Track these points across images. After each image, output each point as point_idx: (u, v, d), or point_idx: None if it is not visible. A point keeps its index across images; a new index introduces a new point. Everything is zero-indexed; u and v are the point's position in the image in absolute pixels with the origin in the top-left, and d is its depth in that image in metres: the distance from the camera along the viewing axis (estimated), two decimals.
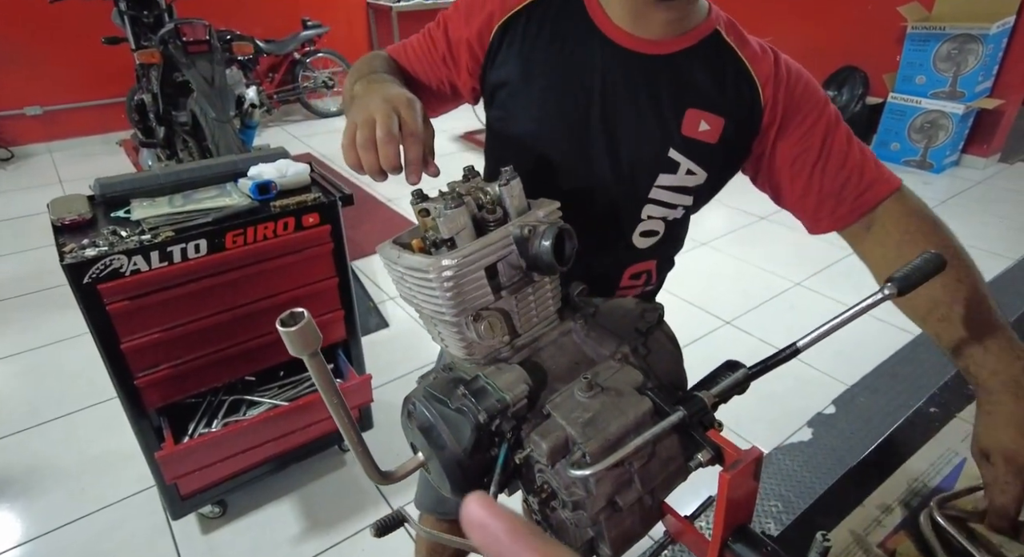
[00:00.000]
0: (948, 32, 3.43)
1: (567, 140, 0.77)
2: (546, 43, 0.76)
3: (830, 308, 2.53)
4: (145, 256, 1.27)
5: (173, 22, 2.38)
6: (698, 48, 0.74)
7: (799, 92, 0.75)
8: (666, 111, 0.74)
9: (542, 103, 0.76)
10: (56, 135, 4.20)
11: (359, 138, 0.58)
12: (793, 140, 0.75)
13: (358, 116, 0.59)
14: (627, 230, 0.82)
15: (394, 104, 0.59)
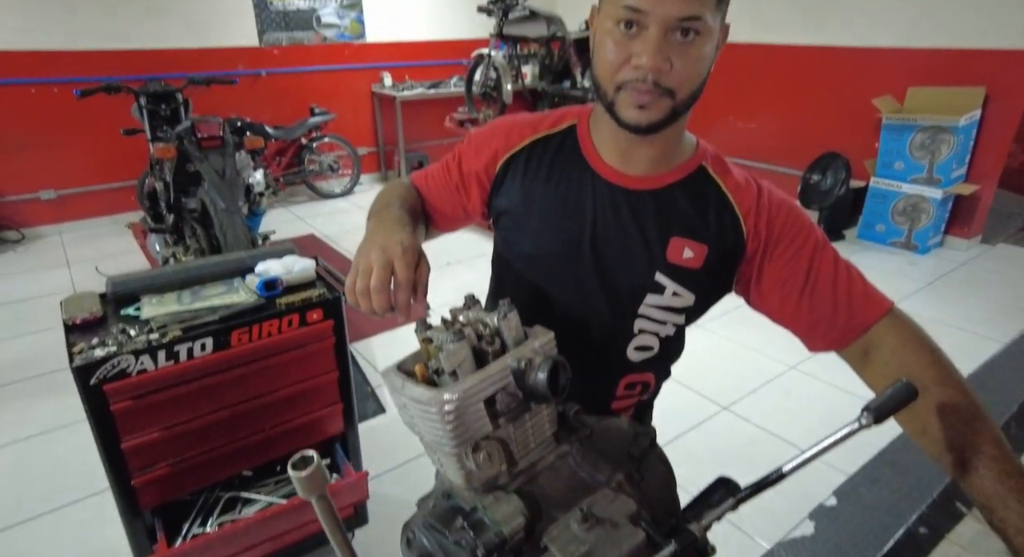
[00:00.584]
0: (920, 123, 3.63)
1: (562, 264, 0.84)
2: (544, 178, 0.85)
3: (825, 393, 2.54)
4: (152, 356, 1.30)
5: (190, 120, 2.53)
6: (683, 182, 0.81)
7: (781, 220, 0.80)
8: (652, 239, 0.81)
9: (540, 231, 0.85)
10: (67, 217, 4.32)
11: (357, 285, 0.68)
12: (779, 265, 0.80)
13: (359, 262, 0.69)
14: (621, 344, 0.87)
15: (388, 255, 0.68)
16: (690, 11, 0.65)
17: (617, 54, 0.70)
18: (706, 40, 0.69)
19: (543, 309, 0.86)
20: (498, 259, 0.96)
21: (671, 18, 0.65)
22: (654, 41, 0.66)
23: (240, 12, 4.60)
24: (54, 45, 3.99)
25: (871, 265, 3.74)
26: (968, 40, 3.57)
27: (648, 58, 0.67)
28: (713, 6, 0.67)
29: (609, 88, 0.72)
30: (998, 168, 3.77)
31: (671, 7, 0.65)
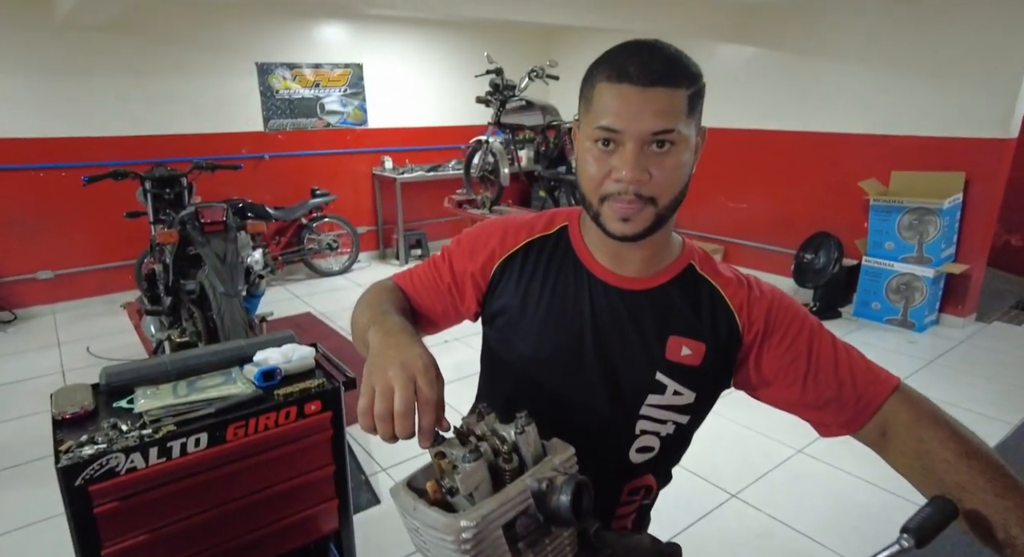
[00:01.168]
0: (906, 205, 3.74)
1: (563, 365, 0.84)
2: (541, 279, 0.86)
3: (834, 478, 2.46)
4: (143, 453, 1.25)
5: (194, 205, 2.57)
6: (675, 281, 0.83)
7: (775, 311, 0.81)
8: (650, 339, 0.82)
9: (540, 332, 0.85)
10: (62, 297, 4.30)
11: (377, 408, 0.62)
12: (778, 354, 0.81)
13: (377, 382, 0.63)
14: (624, 447, 0.86)
15: (411, 371, 0.64)
16: (662, 126, 0.69)
17: (598, 169, 0.73)
18: (682, 149, 0.72)
19: (542, 412, 0.83)
20: (491, 358, 0.94)
21: (645, 134, 0.69)
22: (631, 155, 0.70)
23: (247, 100, 4.80)
24: (65, 132, 4.12)
25: (870, 343, 3.74)
26: (946, 129, 3.75)
27: (627, 171, 0.70)
28: (685, 116, 0.70)
29: (594, 200, 0.76)
30: (985, 248, 3.85)
31: (643, 124, 0.69)
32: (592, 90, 0.73)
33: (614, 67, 0.70)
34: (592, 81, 0.74)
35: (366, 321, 0.80)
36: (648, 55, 0.70)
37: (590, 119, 0.73)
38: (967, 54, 3.59)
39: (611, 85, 0.70)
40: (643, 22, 4.04)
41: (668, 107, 0.69)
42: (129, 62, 4.23)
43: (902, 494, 2.34)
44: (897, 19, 3.83)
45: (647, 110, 0.68)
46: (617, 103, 0.69)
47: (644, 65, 0.68)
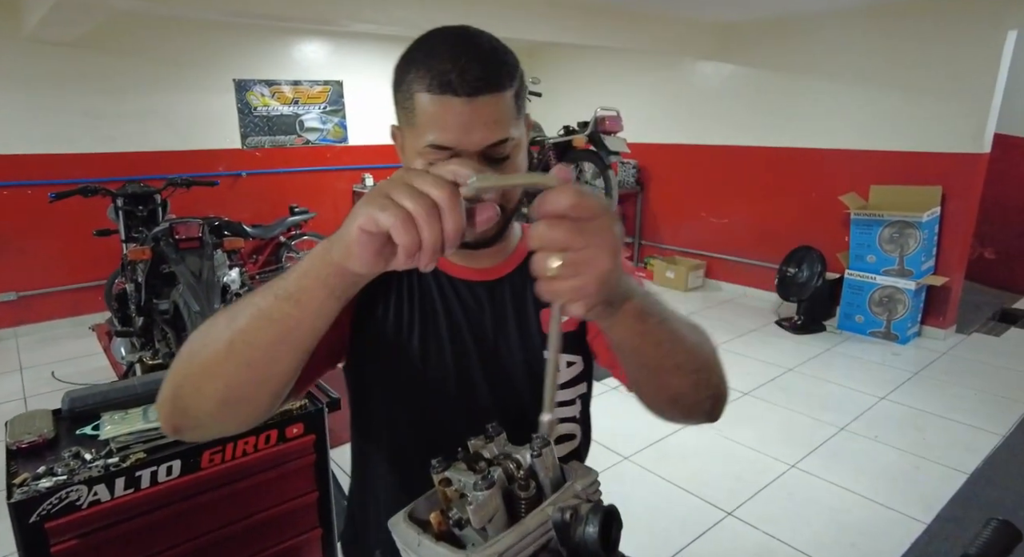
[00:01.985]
0: (886, 219, 3.78)
1: (453, 379, 0.80)
2: (407, 296, 0.81)
3: (830, 493, 2.42)
4: (109, 484, 1.15)
5: (168, 221, 2.47)
6: (522, 268, 0.83)
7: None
8: (526, 319, 0.82)
9: (420, 354, 0.80)
10: (26, 319, 4.11)
11: (411, 206, 0.46)
12: None
13: (392, 188, 0.48)
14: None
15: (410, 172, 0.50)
16: (496, 137, 0.65)
17: None
18: (518, 152, 0.69)
19: (437, 438, 0.74)
20: (365, 396, 0.84)
21: (479, 148, 0.65)
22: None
23: (224, 117, 4.71)
24: (32, 149, 3.98)
25: (855, 355, 3.75)
26: (923, 144, 3.81)
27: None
28: (514, 118, 0.67)
29: None
30: (963, 260, 3.90)
31: (476, 138, 0.64)
32: (411, 101, 0.66)
33: (432, 75, 0.63)
34: (408, 88, 0.66)
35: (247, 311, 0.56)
36: (466, 58, 0.63)
37: (415, 133, 0.66)
38: (941, 70, 3.67)
39: (432, 97, 0.63)
40: (625, 39, 4.07)
41: (498, 114, 0.65)
42: (101, 78, 4.12)
43: (901, 509, 2.31)
44: (874, 36, 3.91)
45: (477, 122, 0.64)
46: (443, 119, 0.64)
47: (466, 72, 0.62)
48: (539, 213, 0.47)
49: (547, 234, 0.46)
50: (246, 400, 0.59)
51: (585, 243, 0.46)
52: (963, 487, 2.43)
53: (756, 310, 4.63)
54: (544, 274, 0.47)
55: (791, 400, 3.20)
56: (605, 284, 0.47)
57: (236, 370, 0.56)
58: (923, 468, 2.58)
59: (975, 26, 3.51)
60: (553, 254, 0.47)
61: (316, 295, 0.52)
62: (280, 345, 0.55)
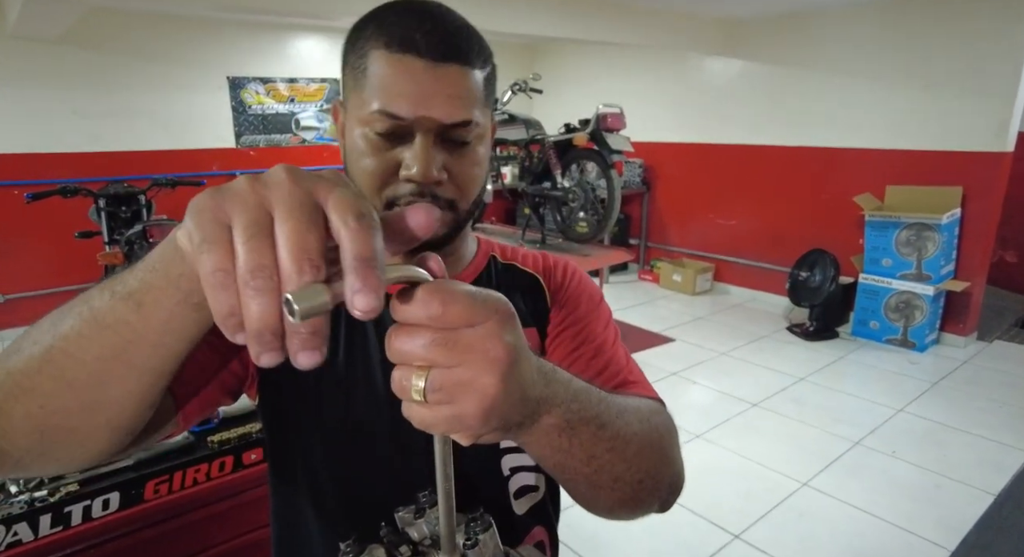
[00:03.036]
0: (904, 221, 3.61)
1: (387, 424, 0.64)
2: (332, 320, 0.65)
3: (843, 514, 2.27)
4: (32, 522, 1.02)
5: (142, 224, 2.36)
6: (483, 276, 0.72)
7: (575, 282, 0.74)
8: None
9: (345, 390, 0.64)
10: (12, 323, 4.01)
11: (244, 262, 0.28)
12: (566, 323, 0.71)
13: (232, 206, 0.30)
14: (499, 498, 0.67)
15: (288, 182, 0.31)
16: (459, 116, 0.56)
17: (378, 164, 0.57)
18: (480, 142, 0.60)
19: (379, 494, 0.63)
20: (284, 455, 0.69)
21: (438, 124, 0.55)
22: (423, 151, 0.55)
23: (217, 116, 4.60)
24: (15, 148, 3.88)
25: (871, 364, 3.58)
26: (942, 142, 3.64)
27: (421, 171, 0.55)
28: (482, 103, 0.58)
29: (377, 205, 0.58)
30: (985, 265, 3.73)
31: (436, 111, 0.55)
32: (363, 60, 0.56)
33: (394, 32, 0.54)
34: (362, 47, 0.57)
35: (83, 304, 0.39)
36: (433, 22, 0.55)
37: (363, 97, 0.56)
38: (962, 66, 3.50)
39: (390, 55, 0.54)
40: (630, 34, 3.92)
41: (464, 90, 0.56)
42: (88, 75, 4.02)
43: (921, 533, 2.15)
44: (890, 31, 3.74)
45: (440, 93, 0.54)
46: (401, 82, 0.54)
47: (432, 34, 0.54)
48: (394, 315, 0.34)
49: (402, 345, 0.33)
50: (70, 431, 0.42)
51: (457, 359, 0.33)
52: (989, 510, 2.27)
53: (766, 315, 4.46)
54: (403, 396, 0.34)
55: (803, 412, 3.03)
56: (491, 411, 0.34)
57: (53, 388, 0.39)
58: (945, 487, 2.41)
59: (997, 18, 3.34)
60: (414, 371, 0.34)
61: (163, 299, 0.35)
62: (112, 362, 0.38)
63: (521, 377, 0.36)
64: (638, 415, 0.50)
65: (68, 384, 0.39)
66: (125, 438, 0.45)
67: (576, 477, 0.47)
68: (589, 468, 0.46)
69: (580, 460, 0.45)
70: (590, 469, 0.46)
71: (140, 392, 0.41)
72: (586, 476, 0.47)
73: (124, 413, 0.42)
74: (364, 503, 0.64)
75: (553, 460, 0.45)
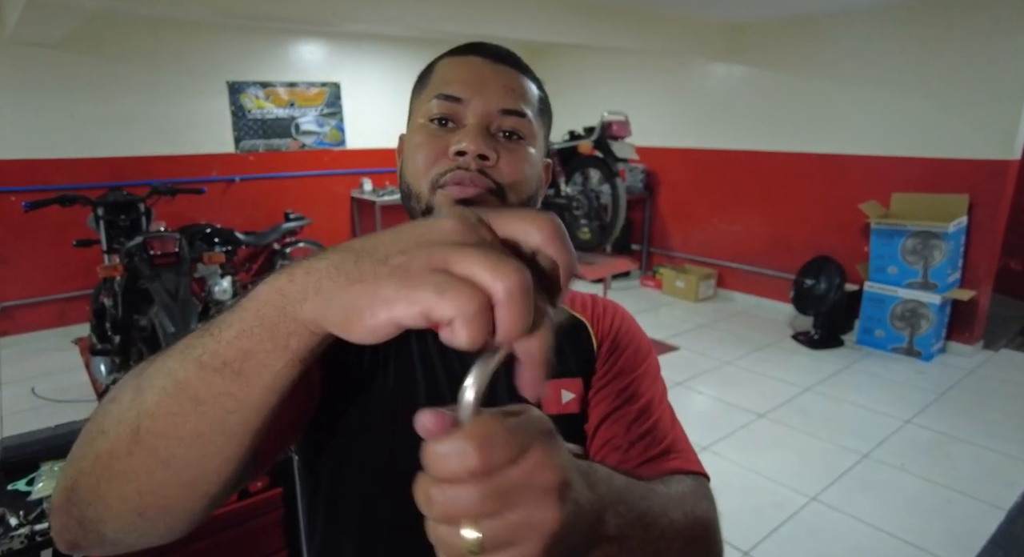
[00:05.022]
0: (909, 228, 3.59)
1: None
2: (381, 358, 0.64)
3: (854, 530, 2.24)
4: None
5: (142, 236, 2.32)
6: None
7: (625, 330, 0.71)
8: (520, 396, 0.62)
9: (393, 422, 0.61)
10: (9, 330, 3.98)
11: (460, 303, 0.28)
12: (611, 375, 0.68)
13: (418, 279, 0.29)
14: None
15: (458, 215, 0.32)
16: (513, 104, 0.59)
17: (431, 148, 0.59)
18: (531, 143, 0.61)
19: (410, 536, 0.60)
20: (327, 494, 0.65)
21: (492, 110, 0.58)
22: (475, 127, 0.57)
23: (216, 120, 4.56)
24: (14, 154, 3.84)
25: (876, 373, 3.55)
26: (948, 150, 3.62)
27: (469, 142, 0.56)
28: (536, 109, 0.62)
29: (424, 188, 0.59)
30: (991, 273, 3.71)
31: (492, 96, 0.58)
32: (429, 76, 0.63)
33: (458, 47, 0.63)
34: (430, 67, 0.64)
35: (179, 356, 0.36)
36: (500, 47, 0.63)
37: (426, 96, 0.61)
38: (968, 74, 3.47)
39: (453, 57, 0.61)
40: (633, 39, 3.89)
41: (517, 86, 0.60)
42: (87, 81, 3.98)
43: (933, 550, 2.12)
44: (895, 37, 3.72)
45: (496, 82, 0.59)
46: (462, 71, 0.59)
47: (495, 47, 0.62)
48: (427, 469, 0.30)
49: (448, 508, 0.30)
50: (169, 509, 0.39)
51: (511, 501, 0.30)
52: (1002, 525, 2.24)
53: (770, 323, 4.44)
54: (454, 554, 0.30)
55: (809, 423, 3.01)
56: (554, 545, 0.31)
57: (148, 469, 0.37)
58: (956, 502, 2.39)
59: (1004, 25, 3.32)
60: (462, 524, 0.30)
61: (269, 363, 0.33)
62: (212, 435, 0.35)
63: (575, 496, 0.33)
64: (683, 508, 0.47)
65: (165, 463, 0.36)
66: (218, 502, 0.42)
67: None
68: None
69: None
70: None
71: (240, 457, 0.38)
72: None
73: (222, 481, 0.39)
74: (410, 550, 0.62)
75: None
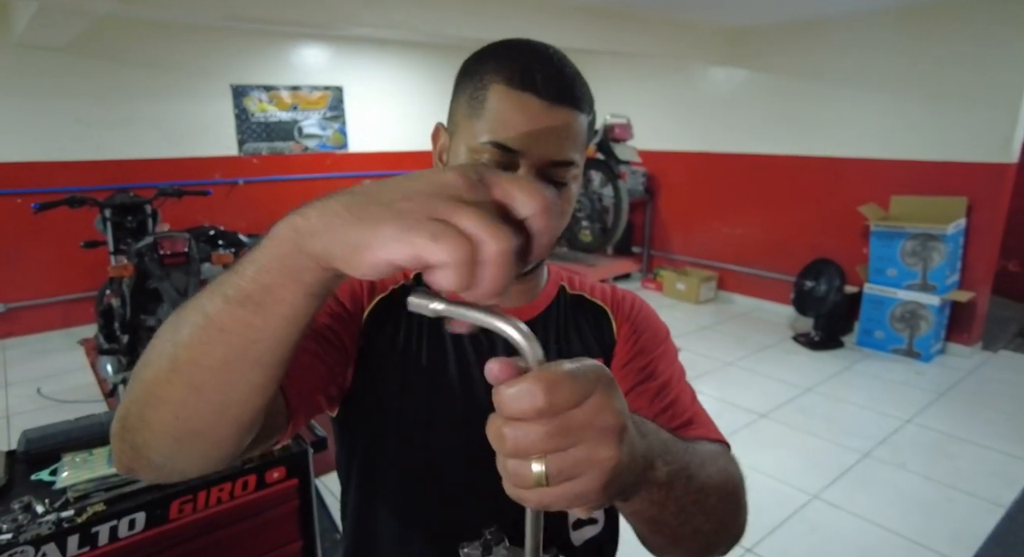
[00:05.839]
0: (908, 231, 3.63)
1: (464, 435, 0.67)
2: (417, 330, 0.69)
3: (855, 526, 2.26)
4: (60, 543, 1.01)
5: (152, 236, 2.35)
6: (554, 304, 0.75)
7: (643, 316, 0.77)
8: None
9: (428, 396, 0.69)
10: (14, 332, 3.99)
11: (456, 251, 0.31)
12: (632, 357, 0.73)
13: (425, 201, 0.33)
14: (558, 528, 0.69)
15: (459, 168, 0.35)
16: (565, 155, 0.59)
17: None
18: (575, 181, 0.64)
19: (449, 510, 0.68)
20: (362, 465, 0.72)
21: (544, 160, 0.59)
22: None
23: (220, 123, 4.59)
24: (20, 157, 3.86)
25: (876, 375, 3.58)
26: (946, 153, 3.66)
27: None
28: (582, 147, 0.63)
29: None
30: (990, 274, 3.74)
31: (546, 149, 0.58)
32: (483, 91, 0.60)
33: (516, 69, 0.58)
34: (483, 78, 0.60)
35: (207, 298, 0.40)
36: (552, 66, 0.59)
37: (477, 127, 0.60)
38: (966, 76, 3.52)
39: (511, 91, 0.58)
40: (636, 43, 3.94)
41: (572, 132, 0.60)
42: (92, 84, 4.01)
43: (934, 547, 2.14)
44: (895, 42, 3.77)
45: (551, 133, 0.58)
46: (517, 117, 0.58)
47: (552, 77, 0.58)
48: (498, 409, 0.34)
49: (517, 443, 0.33)
50: (202, 434, 0.44)
51: (573, 440, 0.34)
52: (1002, 522, 2.27)
53: (771, 324, 4.47)
54: (520, 484, 0.34)
55: (810, 423, 3.03)
56: (611, 482, 0.35)
57: (183, 396, 0.41)
58: (957, 500, 2.41)
59: (1002, 30, 3.37)
60: (532, 459, 0.34)
61: (286, 296, 0.36)
62: (237, 363, 0.39)
63: (631, 440, 0.36)
64: (716, 465, 0.51)
65: (197, 389, 0.40)
66: (248, 436, 0.46)
67: (662, 529, 0.47)
68: (677, 521, 0.46)
69: (671, 514, 0.45)
70: (677, 522, 0.46)
71: (263, 385, 0.42)
72: (672, 530, 0.47)
73: (249, 409, 0.43)
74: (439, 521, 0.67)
75: (647, 515, 0.45)
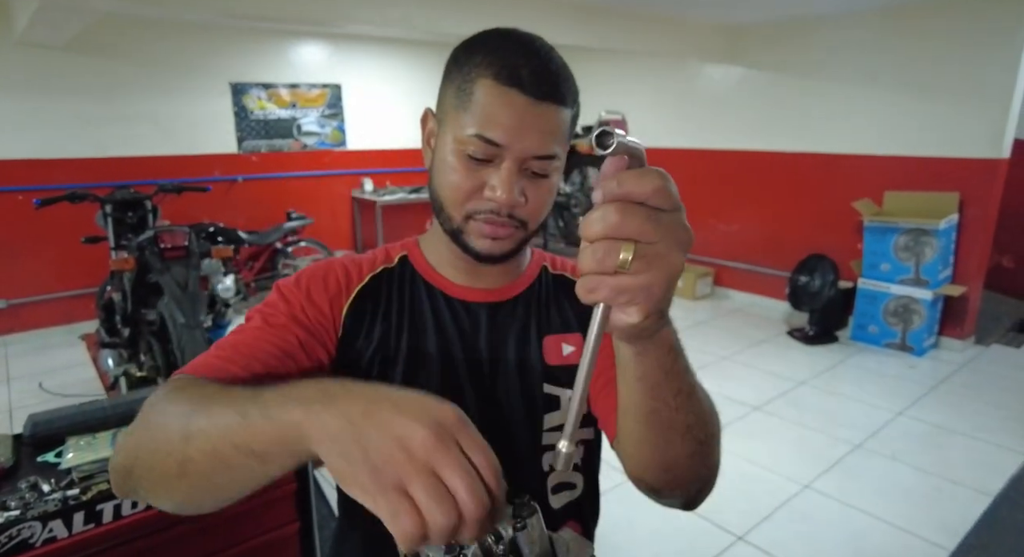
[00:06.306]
0: (901, 226, 3.66)
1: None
2: (396, 316, 0.73)
3: (846, 516, 2.30)
4: (66, 519, 1.05)
5: (153, 230, 2.38)
6: (535, 284, 0.79)
7: None
8: (526, 347, 0.74)
9: (410, 377, 0.72)
10: (15, 328, 4.02)
11: (436, 519, 0.37)
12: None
13: (405, 470, 0.38)
14: (538, 489, 0.73)
15: (450, 430, 0.40)
16: (546, 150, 0.63)
17: (466, 181, 0.65)
18: (556, 173, 0.68)
19: None
20: None
21: (527, 155, 0.63)
22: (509, 176, 0.63)
23: (219, 121, 4.63)
24: (21, 154, 3.90)
25: (871, 368, 3.62)
26: (939, 149, 3.70)
27: (504, 193, 0.63)
28: (565, 140, 0.66)
29: (457, 215, 0.68)
30: (982, 269, 3.78)
31: (528, 143, 0.62)
32: (471, 84, 0.63)
33: (504, 64, 0.61)
34: (471, 71, 0.63)
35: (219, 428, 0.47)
36: (538, 60, 0.62)
37: (464, 119, 0.63)
38: (958, 73, 3.55)
39: (498, 87, 0.61)
40: (631, 41, 3.97)
41: (555, 127, 0.63)
42: (93, 82, 4.04)
43: (922, 534, 2.18)
44: (888, 38, 3.81)
45: (535, 128, 0.62)
46: (503, 113, 0.61)
47: (537, 73, 0.61)
48: (609, 194, 0.39)
49: (619, 220, 0.39)
50: (202, 508, 0.54)
51: (662, 235, 0.40)
52: (988, 510, 2.31)
53: (766, 320, 4.50)
54: (603, 268, 0.39)
55: (804, 415, 3.07)
56: (672, 284, 0.41)
57: (189, 491, 0.51)
58: (945, 490, 2.45)
59: (994, 26, 3.40)
60: (622, 244, 0.39)
61: (286, 462, 0.46)
62: (240, 484, 0.50)
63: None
64: (704, 390, 0.56)
65: (202, 490, 0.50)
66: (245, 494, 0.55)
67: (660, 408, 0.51)
68: (675, 402, 0.51)
69: (671, 389, 0.50)
70: (675, 404, 0.51)
71: (262, 485, 0.51)
72: (668, 411, 0.51)
73: (244, 497, 0.52)
74: None
75: (654, 378, 0.49)
